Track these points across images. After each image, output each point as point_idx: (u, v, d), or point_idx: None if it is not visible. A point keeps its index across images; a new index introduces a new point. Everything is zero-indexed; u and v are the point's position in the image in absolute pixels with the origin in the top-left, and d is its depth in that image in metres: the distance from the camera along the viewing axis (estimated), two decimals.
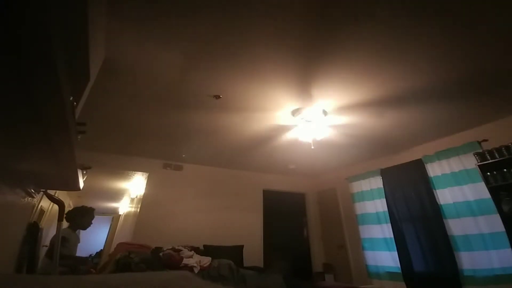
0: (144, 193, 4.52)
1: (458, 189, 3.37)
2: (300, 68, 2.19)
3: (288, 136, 3.54)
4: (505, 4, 1.59)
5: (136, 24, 1.74)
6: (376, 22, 1.73)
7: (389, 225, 4.09)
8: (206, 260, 3.55)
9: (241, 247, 4.48)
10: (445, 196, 3.52)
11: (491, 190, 2.85)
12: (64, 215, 2.54)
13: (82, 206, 3.17)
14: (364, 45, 1.93)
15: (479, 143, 3.26)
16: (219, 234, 4.59)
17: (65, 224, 2.77)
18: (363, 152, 4.35)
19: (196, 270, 3.30)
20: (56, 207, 2.05)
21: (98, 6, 1.39)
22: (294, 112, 2.92)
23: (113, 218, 9.23)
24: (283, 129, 3.36)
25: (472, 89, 2.52)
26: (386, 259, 4.01)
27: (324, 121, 3.07)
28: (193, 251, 3.71)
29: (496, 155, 2.84)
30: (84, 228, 3.12)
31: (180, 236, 4.25)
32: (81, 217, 3.02)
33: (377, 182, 4.46)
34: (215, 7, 1.61)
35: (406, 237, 3.93)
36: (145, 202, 4.43)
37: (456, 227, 3.33)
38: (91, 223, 3.19)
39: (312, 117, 2.90)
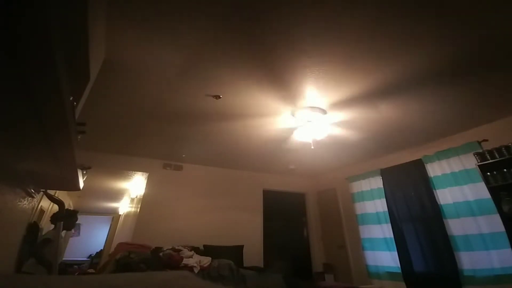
0: (144, 193, 4.52)
1: (458, 189, 3.37)
2: (299, 66, 2.19)
3: (288, 136, 3.54)
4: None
5: (136, 24, 1.74)
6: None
7: (389, 225, 4.09)
8: (206, 260, 3.55)
9: (241, 247, 4.48)
10: (445, 196, 3.52)
11: (491, 190, 2.85)
12: (54, 217, 2.56)
13: (67, 209, 3.22)
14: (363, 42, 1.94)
15: (479, 143, 3.26)
16: (219, 234, 4.59)
17: (51, 226, 2.80)
18: (363, 152, 4.35)
19: (196, 270, 3.30)
20: (56, 207, 2.05)
21: (98, 6, 1.39)
22: (294, 112, 2.92)
23: (113, 218, 9.23)
24: (283, 129, 3.36)
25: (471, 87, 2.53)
26: (386, 259, 4.01)
27: (324, 121, 3.06)
28: (193, 251, 3.71)
29: (496, 155, 2.84)
30: (70, 228, 3.21)
31: (180, 236, 4.25)
32: (70, 218, 3.03)
33: (377, 182, 4.46)
34: (215, 7, 1.61)
35: (406, 237, 3.92)
36: (145, 202, 4.43)
37: (456, 227, 3.33)
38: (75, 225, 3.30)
39: (312, 117, 2.90)
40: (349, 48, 1.97)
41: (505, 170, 2.76)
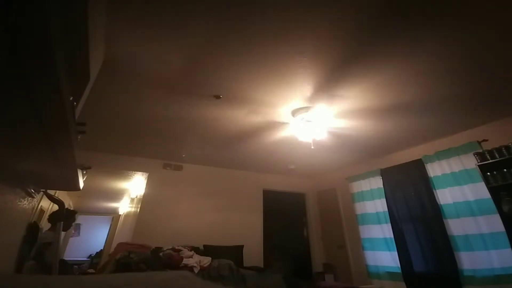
0: (144, 193, 4.52)
1: (458, 189, 3.37)
2: (303, 70, 2.19)
3: (288, 136, 3.54)
4: (507, 3, 1.59)
5: (136, 24, 1.74)
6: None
7: (389, 225, 4.09)
8: (206, 260, 3.56)
9: (241, 247, 4.48)
10: (445, 196, 3.52)
11: (491, 190, 2.85)
12: (52, 216, 2.59)
13: (66, 208, 3.24)
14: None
15: (479, 143, 3.26)
16: (219, 234, 4.59)
17: (47, 226, 2.82)
18: (363, 152, 4.35)
19: (196, 270, 3.30)
20: (56, 207, 2.05)
21: (98, 6, 1.39)
22: (294, 112, 2.92)
23: (113, 218, 9.23)
24: (283, 129, 3.36)
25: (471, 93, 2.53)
26: (386, 259, 4.01)
27: (324, 122, 3.07)
28: (193, 251, 3.71)
29: (496, 155, 2.84)
30: (67, 229, 3.21)
31: (180, 236, 4.25)
32: (68, 218, 3.03)
33: (377, 182, 4.46)
34: (216, 6, 1.61)
35: (406, 237, 3.92)
36: (145, 202, 4.43)
37: (456, 227, 3.33)
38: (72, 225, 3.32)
39: (312, 118, 2.90)
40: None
41: (505, 170, 2.76)
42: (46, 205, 4.18)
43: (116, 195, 6.88)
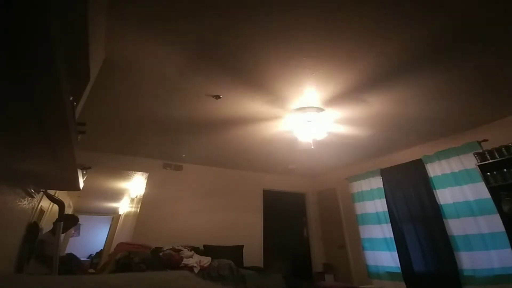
0: (144, 193, 4.52)
1: (458, 189, 3.37)
2: (303, 70, 2.19)
3: (289, 136, 3.53)
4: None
5: (136, 24, 1.74)
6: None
7: (389, 225, 4.09)
8: (206, 260, 3.56)
9: (241, 247, 4.48)
10: (445, 196, 3.52)
11: (491, 190, 2.85)
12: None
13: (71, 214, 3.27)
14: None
15: (479, 143, 3.26)
16: (219, 234, 4.59)
17: (48, 227, 2.81)
18: (363, 152, 4.35)
19: (196, 270, 3.30)
20: (56, 207, 2.05)
21: (98, 6, 1.39)
22: (295, 112, 2.92)
23: (113, 218, 9.23)
24: (284, 129, 3.36)
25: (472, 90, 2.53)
26: (386, 259, 4.01)
27: (323, 119, 3.06)
28: (193, 251, 3.71)
29: (496, 155, 2.84)
30: (63, 232, 3.27)
31: (180, 236, 4.25)
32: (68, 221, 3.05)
33: (377, 182, 4.46)
34: (215, 7, 1.61)
35: (406, 237, 3.93)
36: (145, 202, 4.43)
37: (456, 227, 3.33)
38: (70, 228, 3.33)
39: (312, 118, 2.90)
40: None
41: (505, 170, 2.76)
42: (46, 205, 4.18)
43: (116, 195, 6.88)
